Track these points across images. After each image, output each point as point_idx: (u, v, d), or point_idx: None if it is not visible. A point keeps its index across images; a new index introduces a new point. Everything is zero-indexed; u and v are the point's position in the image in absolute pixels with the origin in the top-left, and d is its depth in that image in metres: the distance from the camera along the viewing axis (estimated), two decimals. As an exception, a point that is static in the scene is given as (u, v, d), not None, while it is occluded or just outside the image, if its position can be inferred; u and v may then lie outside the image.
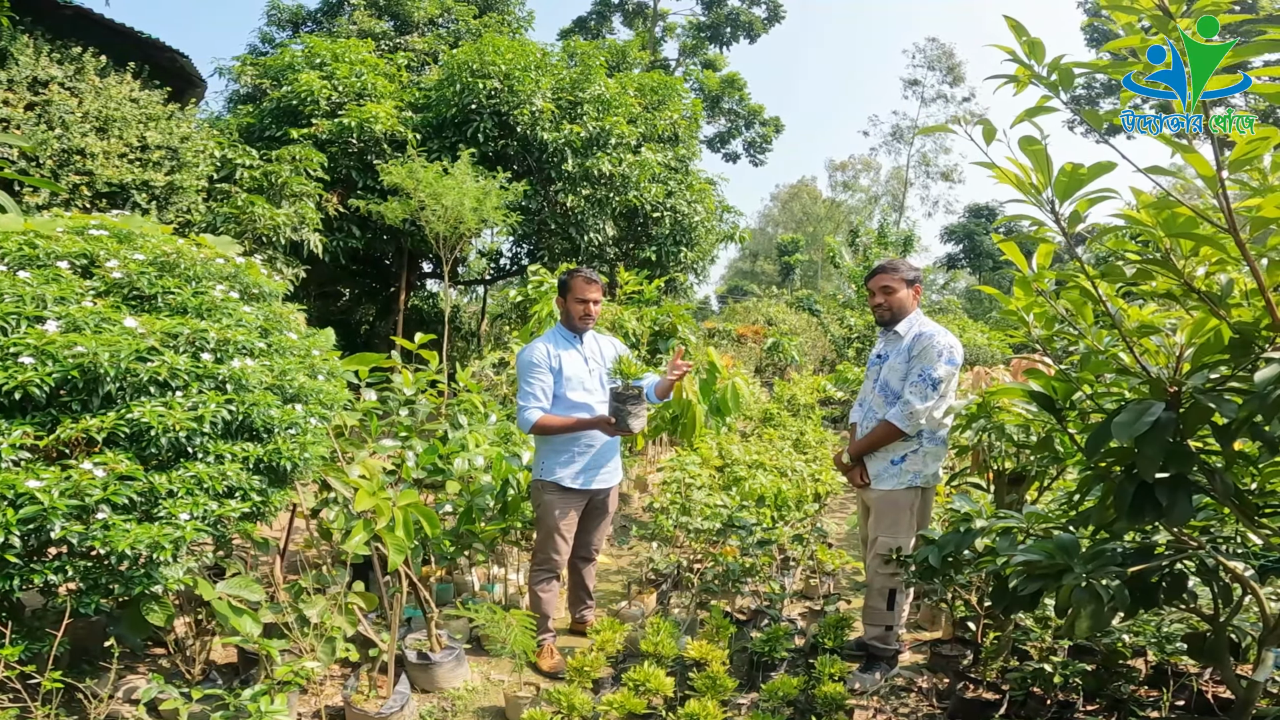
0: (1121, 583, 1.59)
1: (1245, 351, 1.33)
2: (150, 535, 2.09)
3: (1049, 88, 1.38)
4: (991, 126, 1.41)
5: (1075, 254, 1.37)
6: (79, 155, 6.12)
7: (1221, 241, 1.25)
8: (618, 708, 2.83)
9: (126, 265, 2.47)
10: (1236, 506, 1.50)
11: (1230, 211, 1.22)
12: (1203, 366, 1.37)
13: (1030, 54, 1.39)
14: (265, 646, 2.43)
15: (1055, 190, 1.32)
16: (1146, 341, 1.47)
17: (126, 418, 2.15)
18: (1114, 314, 1.41)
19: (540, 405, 3.53)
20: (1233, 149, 1.25)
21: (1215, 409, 1.28)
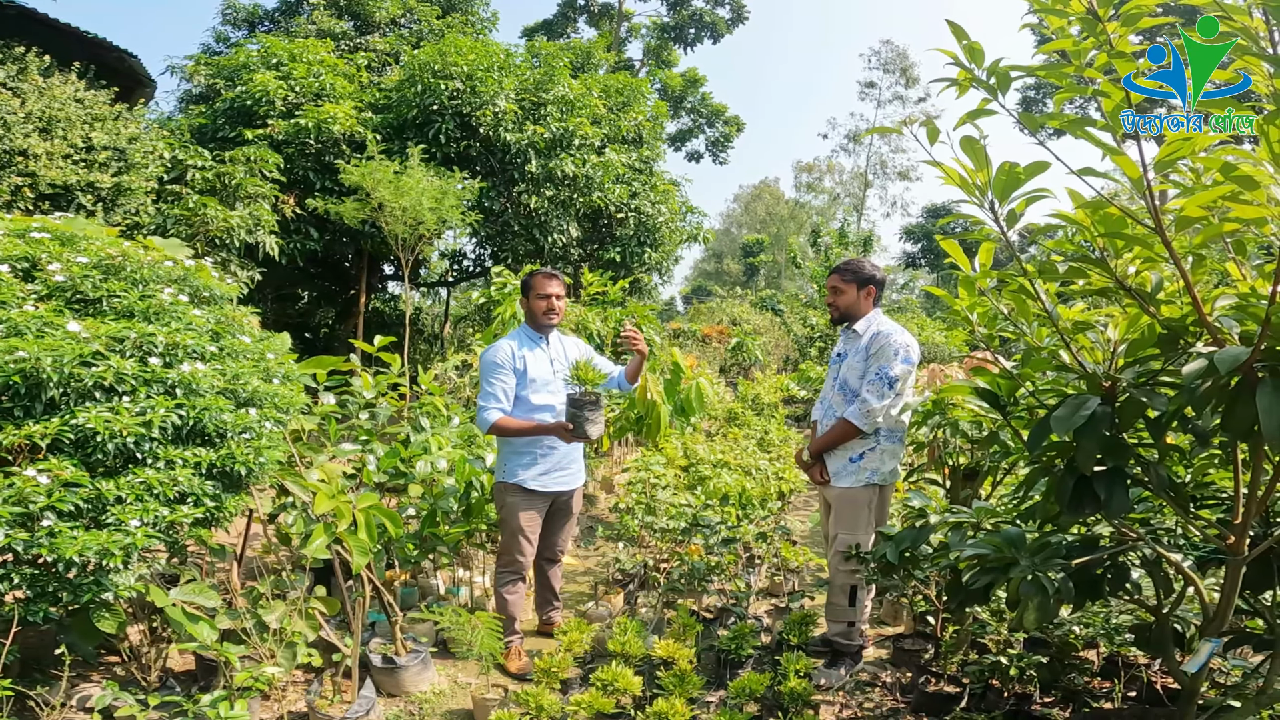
0: (1066, 575, 1.64)
1: (1174, 346, 1.39)
2: (99, 542, 2.04)
3: (988, 90, 1.42)
4: (935, 128, 1.45)
5: (1014, 252, 1.42)
6: (21, 156, 5.93)
7: (1150, 241, 1.30)
8: (586, 707, 2.83)
9: (70, 268, 2.40)
10: (1171, 498, 1.56)
11: (1157, 212, 1.27)
12: (1135, 361, 1.42)
13: (971, 58, 1.43)
14: (223, 652, 2.38)
15: (994, 189, 1.36)
16: (1082, 338, 1.52)
17: (71, 423, 2.09)
18: (1051, 311, 1.46)
19: (500, 406, 3.51)
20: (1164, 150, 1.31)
21: (1148, 403, 1.34)
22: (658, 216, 12.73)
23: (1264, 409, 1.21)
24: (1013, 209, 1.40)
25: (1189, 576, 1.75)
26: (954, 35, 1.44)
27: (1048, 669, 2.80)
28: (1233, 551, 1.60)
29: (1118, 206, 1.32)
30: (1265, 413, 1.21)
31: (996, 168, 1.39)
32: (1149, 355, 1.42)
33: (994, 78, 1.41)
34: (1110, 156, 1.31)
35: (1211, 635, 1.72)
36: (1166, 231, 1.27)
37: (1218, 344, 1.32)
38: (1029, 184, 1.36)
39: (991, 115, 1.48)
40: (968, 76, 1.45)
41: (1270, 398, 1.22)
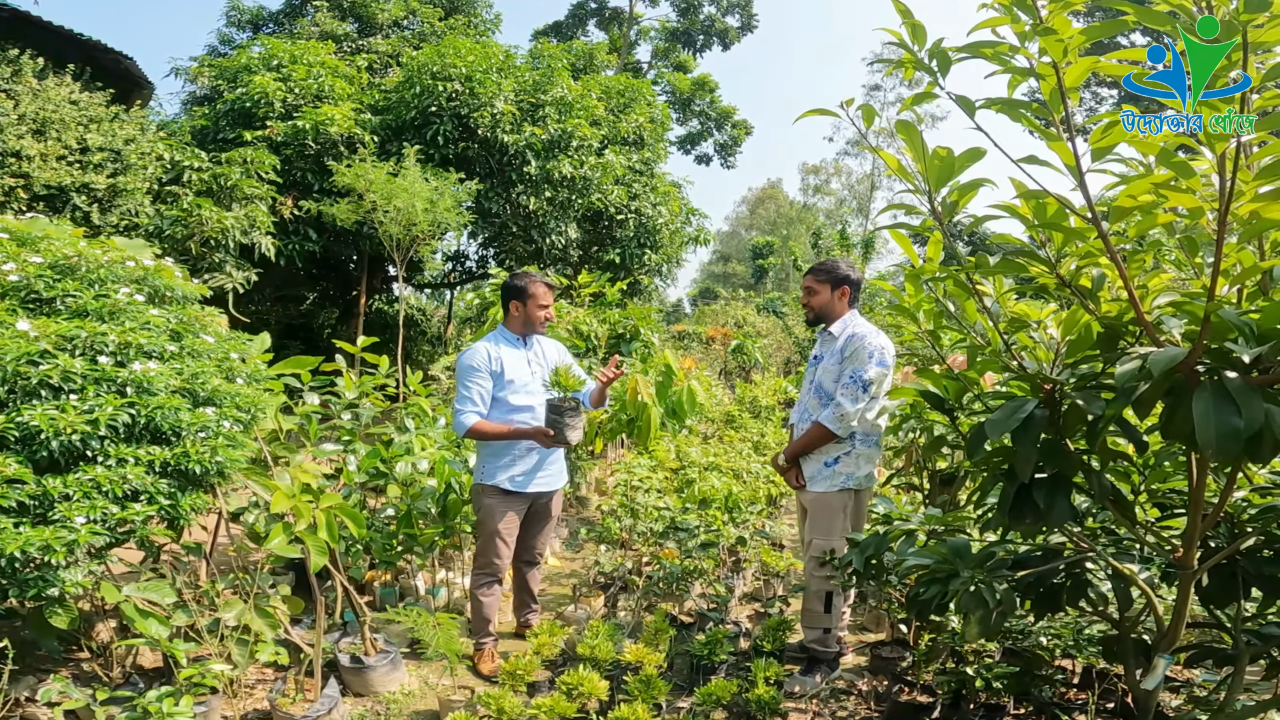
0: (1010, 586, 1.59)
1: (1114, 346, 1.34)
2: (42, 538, 2.03)
3: (929, 72, 1.37)
4: (872, 111, 1.40)
5: (951, 244, 1.37)
6: (14, 158, 5.96)
7: (1087, 233, 1.25)
8: (547, 711, 2.79)
9: (25, 268, 2.39)
10: (1114, 505, 1.51)
11: (1091, 202, 1.22)
12: (1077, 362, 1.37)
13: (914, 38, 1.38)
14: (169, 649, 2.36)
15: (929, 177, 1.32)
16: (1023, 337, 1.48)
17: (16, 421, 2.07)
18: (991, 308, 1.41)
19: (477, 410, 3.48)
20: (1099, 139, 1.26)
21: (1084, 406, 1.29)
22: (658, 218, 12.69)
23: (1199, 414, 1.16)
24: (952, 199, 1.36)
25: (1143, 589, 1.69)
26: (899, 13, 1.39)
27: (1016, 680, 2.74)
28: (1182, 564, 1.54)
29: (1054, 196, 1.27)
30: (1200, 418, 1.16)
31: (935, 155, 1.34)
32: (1090, 355, 1.37)
33: (935, 59, 1.36)
34: (1047, 143, 1.26)
35: (1165, 650, 1.66)
36: (1103, 223, 1.23)
37: (1157, 344, 1.27)
38: (965, 172, 1.31)
39: (934, 99, 1.43)
40: (911, 58, 1.40)
41: (1206, 403, 1.17)
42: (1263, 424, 1.15)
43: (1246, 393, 1.15)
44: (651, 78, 26.52)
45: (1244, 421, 1.14)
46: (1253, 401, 1.14)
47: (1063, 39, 1.15)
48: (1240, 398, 1.15)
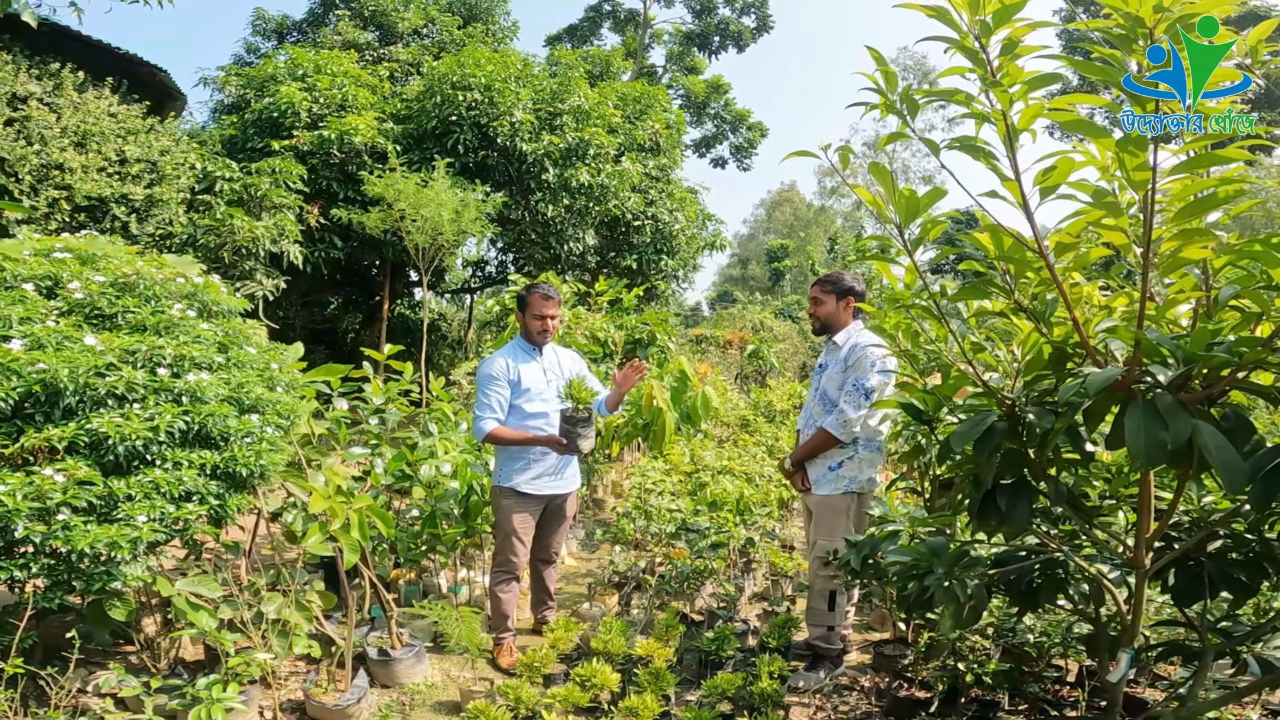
0: (981, 583, 1.74)
1: (1063, 365, 1.50)
2: (109, 535, 2.24)
3: (899, 115, 1.54)
4: (848, 151, 1.58)
5: (920, 273, 1.54)
6: (57, 170, 6.26)
7: (1037, 264, 1.42)
8: (561, 700, 2.98)
9: (88, 286, 2.63)
10: (1071, 509, 1.67)
11: (1039, 236, 1.39)
12: (1033, 379, 1.54)
13: (887, 84, 1.55)
14: (218, 639, 2.58)
15: (898, 213, 1.49)
16: (987, 356, 1.64)
17: (86, 428, 2.30)
18: (957, 331, 1.58)
19: (495, 416, 3.68)
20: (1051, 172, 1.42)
21: (1035, 420, 1.45)
22: (674, 224, 12.88)
23: (1130, 429, 1.32)
24: (920, 232, 1.53)
25: (1107, 587, 1.85)
26: (874, 60, 1.56)
27: (1007, 676, 2.89)
28: (1134, 564, 1.69)
29: (1007, 231, 1.44)
30: (1131, 432, 1.32)
31: (902, 194, 1.51)
32: (1043, 373, 1.53)
33: (905, 104, 1.54)
34: (1002, 182, 1.43)
35: (1127, 646, 1.81)
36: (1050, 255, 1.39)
37: (1098, 365, 1.43)
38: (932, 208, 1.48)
39: (905, 139, 1.60)
40: (887, 102, 1.56)
41: (1138, 418, 1.33)
42: (1189, 437, 1.31)
43: (1174, 409, 1.31)
44: (666, 81, 26.69)
45: (1170, 435, 1.30)
46: (1179, 417, 1.30)
47: (1007, 91, 1.32)
48: (1168, 414, 1.31)
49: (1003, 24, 1.21)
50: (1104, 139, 1.22)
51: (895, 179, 1.46)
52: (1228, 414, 1.55)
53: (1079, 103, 1.34)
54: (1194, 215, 1.26)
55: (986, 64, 1.28)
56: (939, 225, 1.57)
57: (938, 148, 1.49)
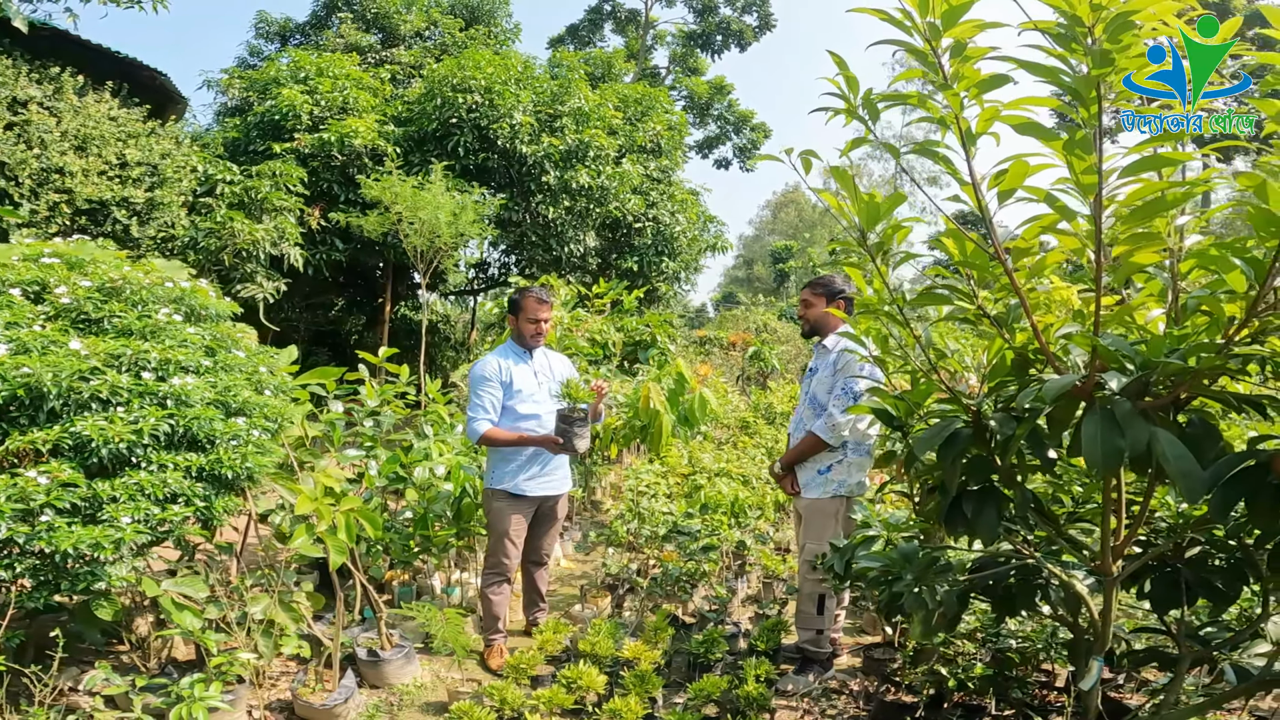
0: (952, 589, 1.75)
1: (1024, 372, 1.50)
2: (92, 536, 2.27)
3: (860, 120, 1.54)
4: (810, 155, 1.58)
5: (884, 279, 1.54)
6: (58, 174, 6.31)
7: (997, 269, 1.42)
8: (545, 702, 3.00)
9: (74, 291, 2.66)
10: (1037, 514, 1.67)
11: (998, 243, 1.39)
12: (996, 385, 1.54)
13: (850, 89, 1.55)
14: (202, 639, 2.60)
15: (860, 218, 1.49)
16: (953, 362, 1.64)
17: (70, 431, 2.33)
18: (922, 337, 1.58)
19: (489, 417, 3.70)
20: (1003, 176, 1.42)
21: (996, 427, 1.45)
22: (675, 226, 12.88)
23: (1087, 436, 1.32)
24: (883, 238, 1.53)
25: (1079, 594, 1.85)
26: (836, 65, 1.56)
27: (990, 682, 2.88)
28: (1101, 571, 1.70)
29: (968, 237, 1.44)
30: (1088, 440, 1.32)
31: (862, 200, 1.52)
32: (1006, 379, 1.54)
33: (866, 109, 1.54)
34: (961, 187, 1.43)
35: (1097, 653, 1.81)
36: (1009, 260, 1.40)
37: (1058, 371, 1.43)
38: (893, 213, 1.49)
39: (867, 144, 1.60)
40: (850, 107, 1.57)
41: (1095, 425, 1.33)
42: (1146, 444, 1.31)
43: (1131, 416, 1.31)
44: (670, 83, 26.70)
45: (1128, 442, 1.31)
46: (1136, 424, 1.30)
47: (958, 94, 1.32)
48: (1125, 421, 1.31)
49: (951, 26, 1.21)
50: (1054, 141, 1.22)
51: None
52: (1193, 421, 1.55)
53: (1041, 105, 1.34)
54: (1143, 218, 1.26)
55: (939, 67, 1.29)
56: (903, 230, 1.58)
57: (898, 152, 1.49)
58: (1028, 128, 1.25)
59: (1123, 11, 1.07)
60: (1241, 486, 1.43)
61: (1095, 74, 1.12)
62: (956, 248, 1.52)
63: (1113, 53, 1.09)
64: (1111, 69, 1.11)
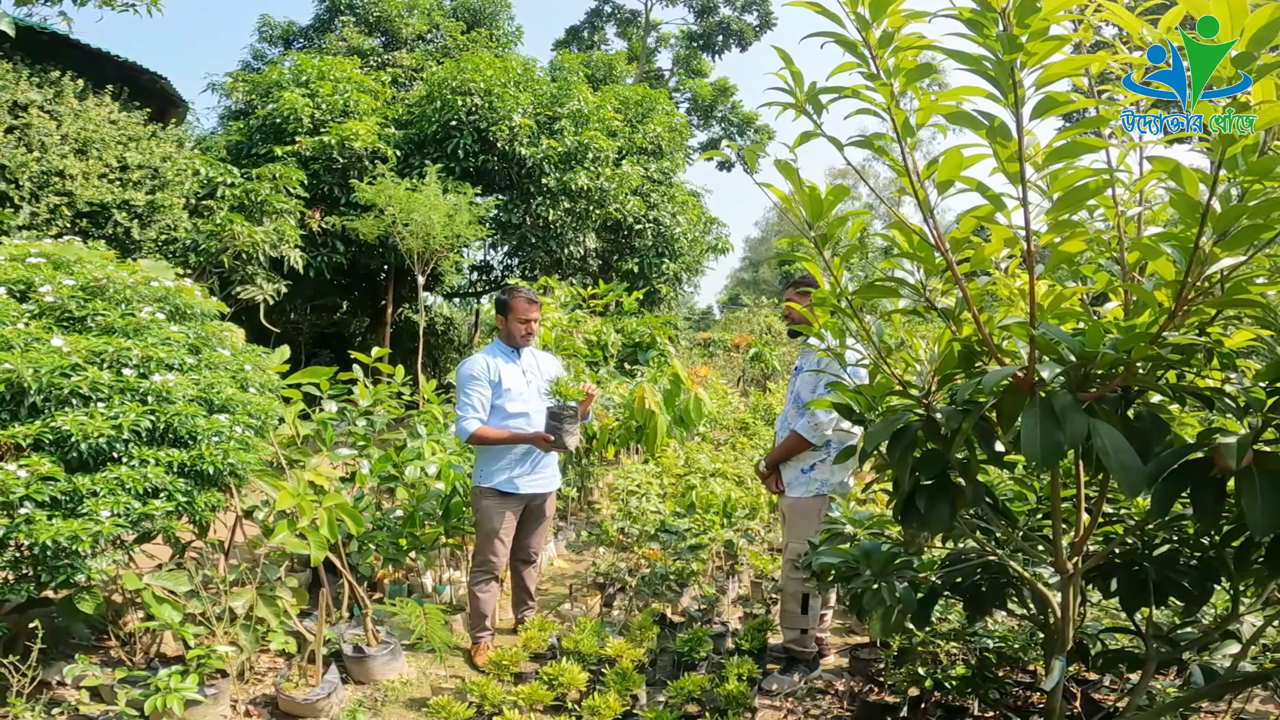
0: (912, 587, 1.75)
1: (971, 364, 1.51)
2: (71, 529, 2.31)
3: (807, 115, 1.56)
4: (754, 150, 1.60)
5: (832, 271, 1.56)
6: (58, 177, 6.38)
7: (941, 264, 1.44)
8: (525, 698, 3.02)
9: (59, 290, 2.70)
10: (992, 510, 1.68)
11: (939, 234, 1.41)
12: (944, 378, 1.55)
13: (796, 83, 1.57)
14: (180, 632, 2.64)
15: (806, 211, 1.51)
16: (904, 355, 1.66)
17: (50, 425, 2.37)
18: (873, 330, 1.59)
19: (478, 416, 3.72)
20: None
21: (942, 421, 1.46)
22: (676, 228, 12.91)
23: (1026, 429, 1.33)
24: (826, 231, 1.55)
25: (1041, 593, 1.85)
26: (782, 60, 1.58)
27: (969, 682, 2.89)
28: (1058, 569, 1.70)
29: (909, 227, 1.46)
30: (1027, 433, 1.32)
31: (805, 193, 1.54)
32: (956, 373, 1.55)
33: (810, 103, 1.56)
34: (900, 178, 1.45)
35: (1059, 653, 1.82)
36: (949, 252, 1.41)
37: (1000, 363, 1.45)
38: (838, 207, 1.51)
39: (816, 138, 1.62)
40: (799, 101, 1.59)
41: (1034, 418, 1.34)
42: (1086, 437, 1.32)
43: (1071, 409, 1.32)
44: (674, 85, 26.73)
45: (1066, 435, 1.32)
46: (1075, 417, 1.31)
47: (888, 84, 1.34)
48: (1064, 414, 1.32)
49: (879, 16, 1.23)
50: (981, 129, 1.24)
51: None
52: (1141, 415, 1.56)
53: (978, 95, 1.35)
54: (1067, 207, 1.27)
55: (867, 59, 1.31)
56: (857, 222, 1.60)
57: (840, 144, 1.51)
58: (957, 117, 1.27)
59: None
60: (1184, 480, 1.44)
61: (1008, 59, 1.13)
62: (904, 240, 1.54)
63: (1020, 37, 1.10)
64: (1021, 53, 1.12)
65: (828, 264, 1.53)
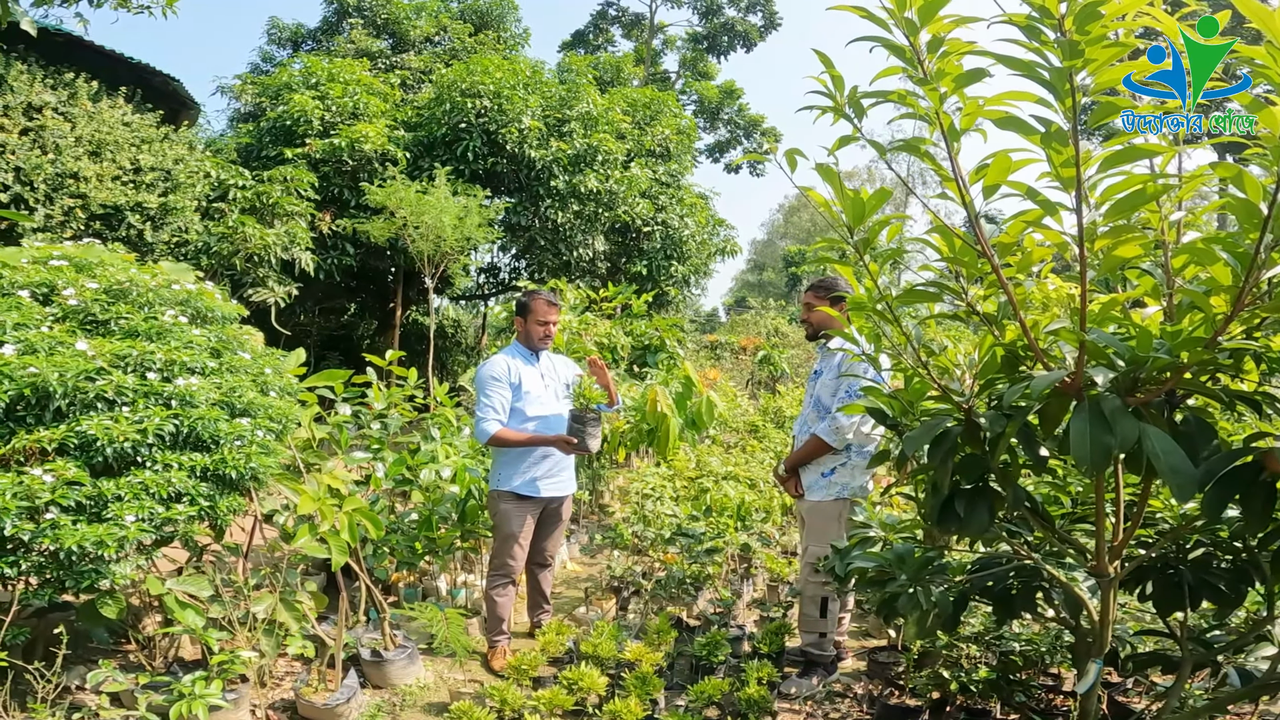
0: (948, 591, 1.73)
1: (1014, 368, 1.50)
2: (96, 534, 2.30)
3: (847, 119, 1.54)
4: (795, 154, 1.59)
5: (872, 276, 1.54)
6: (72, 179, 6.39)
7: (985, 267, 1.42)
8: (546, 703, 3.00)
9: (82, 293, 2.70)
10: (1031, 514, 1.66)
11: (984, 239, 1.39)
12: (987, 382, 1.53)
13: (835, 87, 1.56)
14: (204, 637, 2.63)
15: (847, 215, 1.50)
16: (942, 359, 1.64)
17: (75, 430, 2.36)
18: (913, 335, 1.58)
19: (498, 418, 3.70)
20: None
21: (985, 425, 1.45)
22: (684, 230, 12.90)
23: (1075, 433, 1.31)
24: (867, 234, 1.53)
25: (1078, 596, 1.83)
26: (822, 63, 1.57)
27: (994, 685, 2.87)
28: (1097, 573, 1.68)
29: (954, 232, 1.44)
30: (1076, 436, 1.31)
31: (848, 196, 1.52)
32: (996, 377, 1.53)
33: (851, 107, 1.54)
34: (944, 183, 1.43)
35: (1096, 656, 1.80)
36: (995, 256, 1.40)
37: (1046, 368, 1.43)
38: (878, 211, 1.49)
39: (854, 142, 1.60)
40: (838, 105, 1.57)
41: (1083, 422, 1.32)
42: (1136, 441, 1.30)
43: (1120, 413, 1.31)
44: (680, 87, 26.73)
45: (1117, 440, 1.30)
46: (1124, 421, 1.30)
47: (937, 89, 1.32)
48: (1113, 418, 1.30)
49: (929, 20, 1.22)
50: (1033, 135, 1.22)
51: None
52: (1188, 419, 1.54)
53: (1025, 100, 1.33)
54: (1123, 212, 1.26)
55: (918, 63, 1.29)
56: (894, 226, 1.58)
57: (884, 149, 1.50)
58: (1007, 122, 1.25)
59: (1090, 2, 1.07)
60: (1234, 484, 1.42)
61: (1067, 65, 1.11)
62: (945, 244, 1.52)
63: (1081, 44, 1.09)
64: (1081, 60, 1.11)
65: (869, 268, 1.52)
